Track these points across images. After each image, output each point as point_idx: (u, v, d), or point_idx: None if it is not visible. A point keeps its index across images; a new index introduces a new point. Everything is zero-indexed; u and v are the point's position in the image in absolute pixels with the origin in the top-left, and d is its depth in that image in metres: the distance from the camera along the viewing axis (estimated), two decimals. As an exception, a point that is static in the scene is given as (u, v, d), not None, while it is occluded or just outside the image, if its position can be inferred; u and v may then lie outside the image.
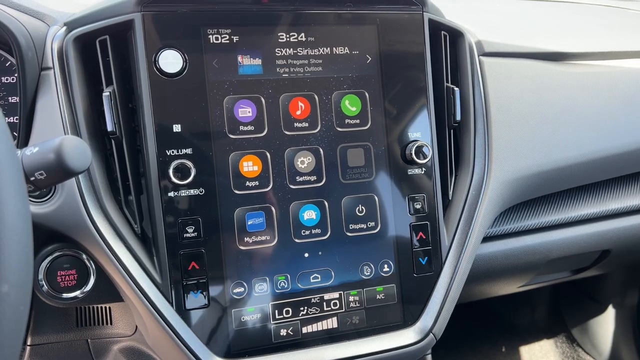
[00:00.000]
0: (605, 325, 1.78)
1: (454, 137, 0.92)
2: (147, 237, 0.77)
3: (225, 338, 0.77)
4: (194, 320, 0.75)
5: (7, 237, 0.43)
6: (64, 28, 0.78)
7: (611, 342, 1.76)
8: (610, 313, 1.77)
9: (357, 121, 0.83)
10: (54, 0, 0.89)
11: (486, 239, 1.01)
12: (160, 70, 0.75)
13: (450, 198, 0.90)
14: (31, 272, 0.46)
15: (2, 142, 0.44)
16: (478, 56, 0.95)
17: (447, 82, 0.90)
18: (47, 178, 0.55)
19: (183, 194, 0.75)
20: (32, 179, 0.55)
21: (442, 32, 0.90)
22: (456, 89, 0.90)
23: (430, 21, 0.88)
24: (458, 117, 0.90)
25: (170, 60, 0.75)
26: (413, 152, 0.84)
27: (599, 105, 1.05)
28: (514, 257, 1.07)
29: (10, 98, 0.86)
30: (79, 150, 0.56)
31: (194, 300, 0.76)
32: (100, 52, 0.76)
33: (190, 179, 0.74)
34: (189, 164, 0.74)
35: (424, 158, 0.84)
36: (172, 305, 0.75)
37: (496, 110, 0.93)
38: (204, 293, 0.76)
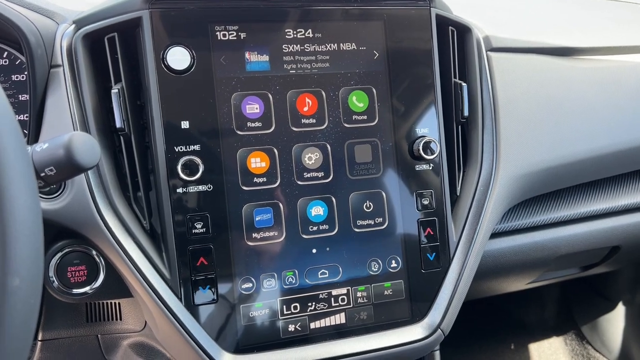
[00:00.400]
0: (615, 322, 1.77)
1: (461, 133, 0.92)
2: (156, 233, 0.78)
3: (233, 333, 0.77)
4: (202, 316, 0.76)
5: (18, 232, 0.43)
6: (73, 26, 0.79)
7: (621, 339, 1.75)
8: (620, 310, 1.76)
9: (365, 117, 0.83)
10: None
11: (494, 235, 1.01)
12: (168, 67, 0.75)
13: (458, 194, 0.90)
14: (42, 266, 0.46)
15: (13, 139, 0.45)
16: (486, 51, 0.94)
17: (455, 77, 0.90)
18: (57, 174, 0.56)
19: (191, 190, 0.75)
20: (42, 174, 0.55)
21: (450, 27, 0.90)
22: (464, 84, 0.89)
23: (438, 17, 0.87)
24: (466, 113, 0.90)
25: (178, 57, 0.75)
26: (421, 147, 0.84)
27: (607, 100, 1.04)
28: (522, 253, 1.06)
29: (20, 96, 0.87)
30: (88, 146, 0.57)
31: (203, 295, 0.76)
32: (109, 50, 0.77)
33: (198, 175, 0.75)
34: (197, 160, 0.75)
35: (432, 154, 0.84)
36: (180, 301, 0.75)
37: (504, 106, 0.93)
38: (213, 289, 0.76)
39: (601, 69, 1.07)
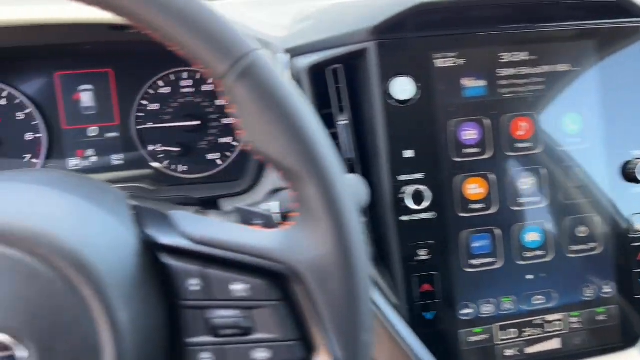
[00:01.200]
0: None
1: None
2: (380, 259, 0.80)
3: (455, 357, 0.79)
4: (427, 340, 0.78)
5: (366, 290, 0.46)
6: (288, 55, 0.82)
7: None
8: None
9: (579, 139, 0.82)
10: (259, 24, 0.93)
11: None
12: (392, 98, 0.76)
13: (672, 216, 0.87)
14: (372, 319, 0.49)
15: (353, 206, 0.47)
16: (697, 64, 0.89)
17: (666, 93, 0.86)
18: None
19: (415, 218, 0.77)
20: None
21: (660, 41, 0.86)
22: (679, 101, 0.85)
23: (651, 31, 0.84)
24: (682, 132, 0.86)
25: (403, 87, 0.76)
26: (636, 170, 0.81)
27: None
28: None
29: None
30: (359, 188, 0.59)
31: (427, 321, 0.78)
32: (331, 80, 0.79)
33: (423, 203, 0.76)
34: (422, 188, 0.76)
35: (648, 176, 0.81)
36: (407, 325, 0.77)
37: None
38: (436, 314, 0.78)
39: None
